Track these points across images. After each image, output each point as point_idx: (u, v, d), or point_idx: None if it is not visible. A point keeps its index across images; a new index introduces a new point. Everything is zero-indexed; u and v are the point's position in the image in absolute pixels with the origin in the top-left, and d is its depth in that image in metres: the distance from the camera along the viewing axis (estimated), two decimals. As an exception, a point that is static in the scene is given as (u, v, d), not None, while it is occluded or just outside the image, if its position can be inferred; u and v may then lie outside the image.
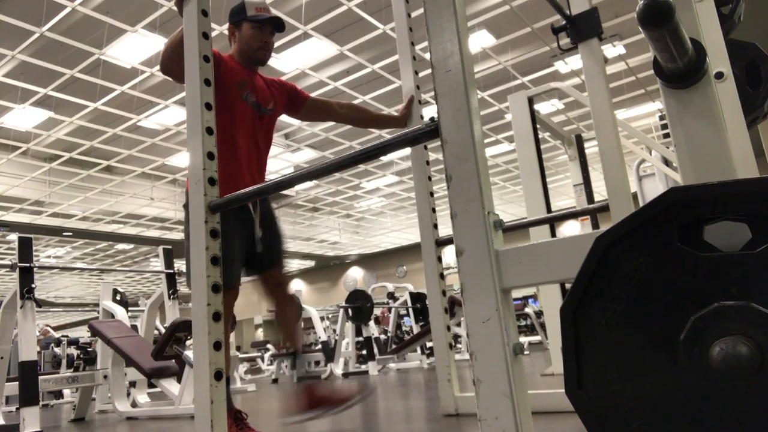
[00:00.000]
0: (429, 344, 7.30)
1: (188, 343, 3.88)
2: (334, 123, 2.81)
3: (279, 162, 11.08)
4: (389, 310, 8.61)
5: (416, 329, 7.93)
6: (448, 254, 7.26)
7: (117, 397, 4.21)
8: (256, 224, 2.16)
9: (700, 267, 0.71)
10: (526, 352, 6.95)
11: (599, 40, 2.00)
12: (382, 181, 13.02)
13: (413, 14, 2.60)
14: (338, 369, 6.85)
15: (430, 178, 2.46)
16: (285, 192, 12.48)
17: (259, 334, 22.99)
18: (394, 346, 7.58)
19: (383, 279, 16.39)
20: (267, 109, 2.27)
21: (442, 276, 2.38)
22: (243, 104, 2.17)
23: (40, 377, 3.66)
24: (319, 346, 7.36)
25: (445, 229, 1.77)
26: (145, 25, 6.65)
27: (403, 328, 9.62)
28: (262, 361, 10.38)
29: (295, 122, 9.22)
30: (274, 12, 2.32)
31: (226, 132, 2.09)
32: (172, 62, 1.95)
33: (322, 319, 8.30)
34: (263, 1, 2.29)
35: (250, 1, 2.25)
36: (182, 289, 4.89)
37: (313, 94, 2.48)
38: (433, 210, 2.43)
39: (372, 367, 6.60)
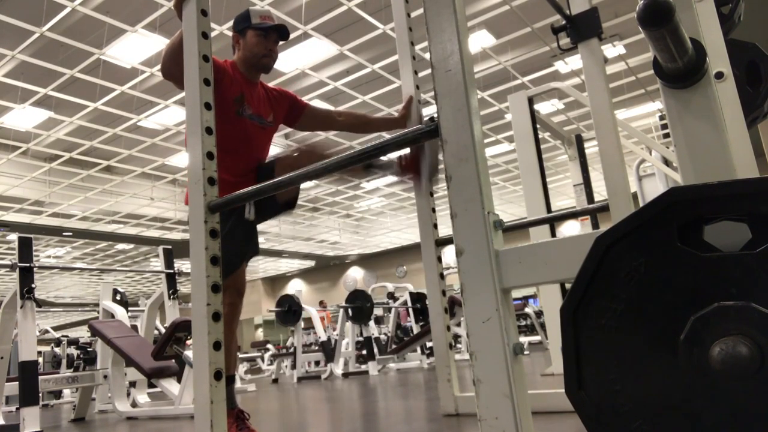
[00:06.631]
0: (429, 344, 7.30)
1: (188, 342, 3.88)
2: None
3: (279, 162, 11.07)
4: (389, 310, 8.61)
5: (416, 329, 7.93)
6: (448, 254, 7.26)
7: (117, 397, 4.21)
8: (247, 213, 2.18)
9: (700, 267, 0.70)
10: (526, 352, 6.95)
11: (599, 40, 2.00)
12: (382, 181, 13.02)
13: (413, 14, 2.60)
14: (338, 369, 6.85)
15: (430, 178, 2.46)
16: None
17: (260, 334, 23.00)
18: (394, 346, 7.58)
19: (383, 279, 16.39)
20: (266, 121, 2.27)
21: (442, 276, 2.38)
22: (238, 120, 2.16)
23: (40, 377, 3.66)
24: (319, 346, 7.36)
25: (445, 229, 1.77)
26: (145, 25, 6.65)
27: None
28: (262, 361, 10.39)
29: (295, 122, 9.20)
30: (276, 13, 2.33)
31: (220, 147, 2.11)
32: (172, 65, 1.94)
33: (322, 319, 8.29)
34: (268, 10, 2.32)
35: (255, 9, 2.27)
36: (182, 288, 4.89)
37: (313, 94, 2.49)
38: (433, 210, 2.43)
39: (372, 367, 6.60)
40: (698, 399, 0.69)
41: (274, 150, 2.40)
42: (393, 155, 2.12)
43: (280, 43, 2.30)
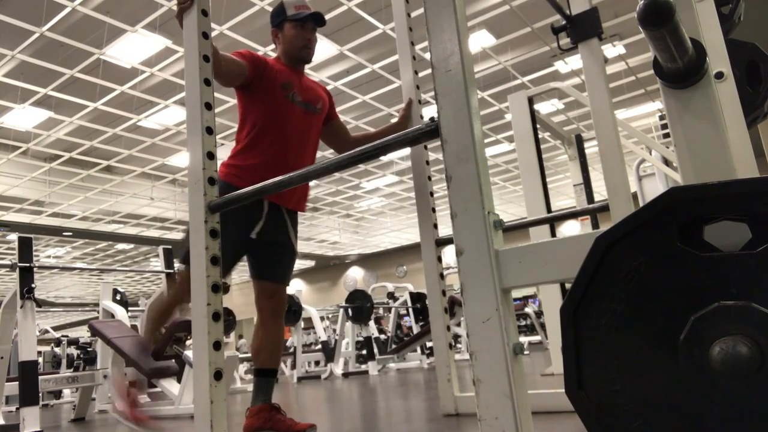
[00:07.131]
0: (429, 344, 7.30)
1: (188, 342, 3.88)
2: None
3: (279, 162, 11.05)
4: (390, 310, 8.61)
5: (416, 329, 7.93)
6: (448, 254, 7.26)
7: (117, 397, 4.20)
8: (259, 224, 2.13)
9: (700, 267, 0.70)
10: (526, 352, 6.95)
11: (599, 40, 2.00)
12: (382, 181, 13.02)
13: (413, 14, 2.60)
14: (338, 369, 6.85)
15: (430, 178, 2.46)
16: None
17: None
18: (394, 346, 7.58)
19: (383, 279, 16.40)
20: (316, 107, 2.29)
21: (442, 276, 2.38)
22: (288, 104, 2.18)
23: (40, 377, 3.66)
24: (319, 346, 7.36)
25: (445, 229, 1.77)
26: (145, 25, 6.65)
27: (403, 329, 9.62)
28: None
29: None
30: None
31: (271, 131, 2.12)
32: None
33: (322, 319, 8.29)
34: None
35: (289, 0, 2.25)
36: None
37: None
38: (433, 210, 2.43)
39: (372, 367, 6.60)
40: (698, 399, 0.69)
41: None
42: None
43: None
